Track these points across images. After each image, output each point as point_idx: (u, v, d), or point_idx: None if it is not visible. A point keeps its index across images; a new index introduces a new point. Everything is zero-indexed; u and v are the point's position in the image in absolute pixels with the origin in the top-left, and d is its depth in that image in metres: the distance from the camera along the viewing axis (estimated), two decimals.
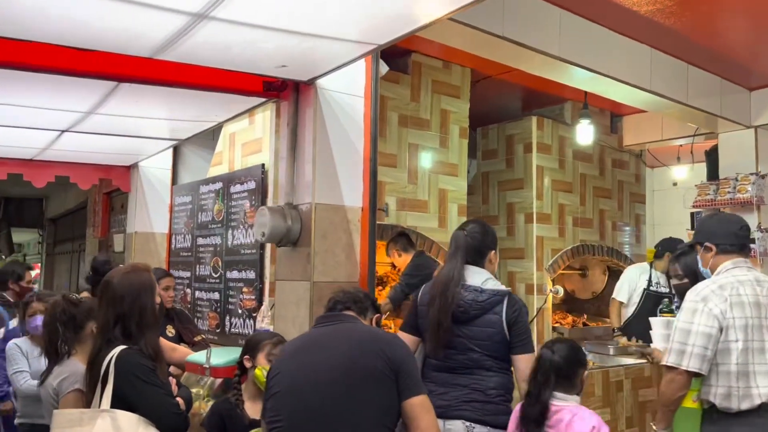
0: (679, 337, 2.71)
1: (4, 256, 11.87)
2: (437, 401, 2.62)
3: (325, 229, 3.36)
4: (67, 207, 8.95)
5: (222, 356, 3.12)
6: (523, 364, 2.77)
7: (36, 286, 5.11)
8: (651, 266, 5.64)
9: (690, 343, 2.67)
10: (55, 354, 2.91)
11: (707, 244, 2.93)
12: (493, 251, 2.98)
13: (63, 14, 2.33)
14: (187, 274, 5.73)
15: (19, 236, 11.83)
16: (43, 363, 3.72)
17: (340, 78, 3.41)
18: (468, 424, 2.73)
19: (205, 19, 2.40)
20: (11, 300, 4.69)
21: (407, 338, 2.95)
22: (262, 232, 3.38)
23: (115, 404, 2.32)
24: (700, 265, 3.05)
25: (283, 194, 3.51)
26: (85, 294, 4.64)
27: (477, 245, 2.91)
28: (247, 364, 2.72)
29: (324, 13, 2.47)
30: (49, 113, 3.83)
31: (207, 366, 3.09)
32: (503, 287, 2.89)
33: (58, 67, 2.87)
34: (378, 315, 2.67)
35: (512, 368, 2.86)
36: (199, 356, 3.27)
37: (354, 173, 3.51)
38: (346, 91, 3.51)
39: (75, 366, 2.78)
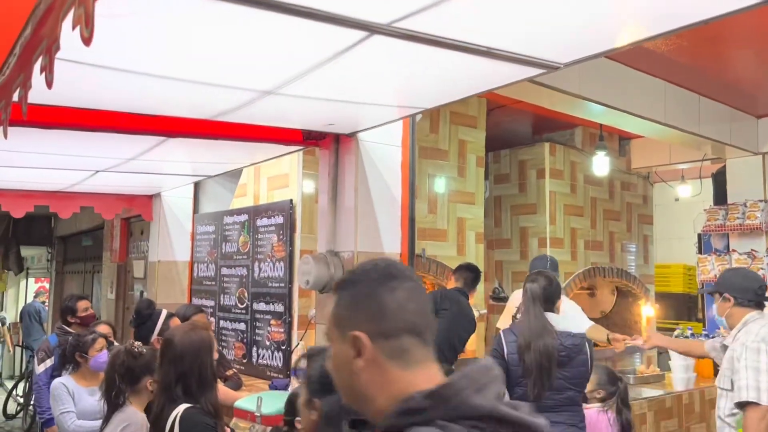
0: (752, 375, 2.91)
1: (14, 274, 11.91)
2: None
3: None
4: (79, 227, 9.00)
5: (273, 404, 3.22)
6: None
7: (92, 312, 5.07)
8: None
9: (763, 380, 2.87)
10: (110, 401, 3.02)
11: (726, 295, 3.21)
12: (560, 300, 3.25)
13: (142, 89, 2.44)
14: (211, 303, 5.83)
15: (24, 251, 11.88)
16: (89, 401, 3.83)
17: (380, 129, 3.52)
18: None
19: (271, 94, 2.52)
20: (72, 332, 4.75)
21: None
22: (307, 280, 3.48)
23: None
24: (714, 312, 3.33)
25: (324, 242, 3.62)
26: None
27: (550, 296, 3.17)
28: (298, 426, 2.86)
29: (377, 86, 2.60)
30: (91, 159, 3.93)
31: (258, 414, 3.20)
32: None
33: (117, 127, 2.97)
34: None
35: None
36: (248, 403, 3.36)
37: (393, 220, 3.62)
38: (385, 142, 3.62)
39: (135, 414, 2.90)
